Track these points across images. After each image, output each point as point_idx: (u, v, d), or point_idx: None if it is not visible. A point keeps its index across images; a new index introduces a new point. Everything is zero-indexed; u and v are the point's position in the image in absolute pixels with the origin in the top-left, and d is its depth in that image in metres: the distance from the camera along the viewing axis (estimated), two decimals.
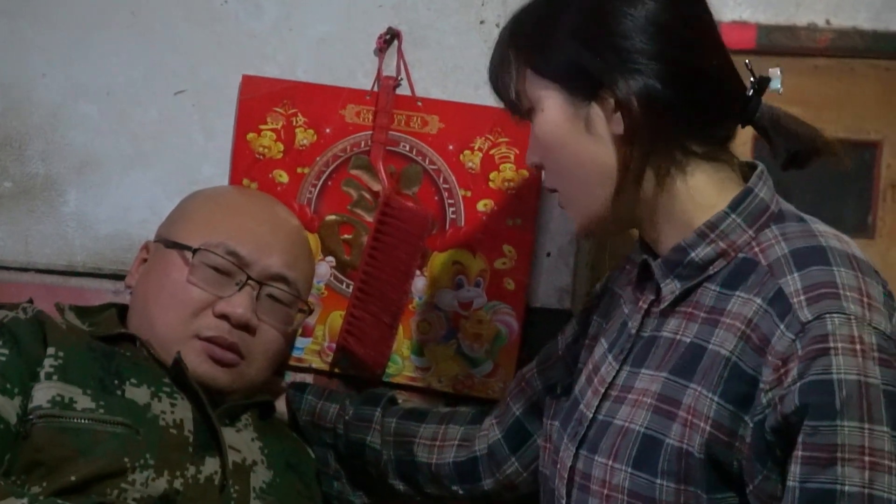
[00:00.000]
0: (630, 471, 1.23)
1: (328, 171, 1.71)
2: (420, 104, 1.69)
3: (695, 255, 1.26)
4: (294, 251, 1.60)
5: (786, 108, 2.17)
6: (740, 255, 1.24)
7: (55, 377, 1.42)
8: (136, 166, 1.76)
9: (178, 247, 1.54)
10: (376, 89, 1.69)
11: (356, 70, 1.71)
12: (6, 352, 1.42)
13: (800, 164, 1.29)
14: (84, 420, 1.40)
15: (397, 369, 1.71)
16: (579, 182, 1.29)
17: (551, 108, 1.28)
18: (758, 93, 1.28)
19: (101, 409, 1.41)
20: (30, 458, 1.37)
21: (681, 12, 1.26)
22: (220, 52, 1.74)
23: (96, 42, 1.76)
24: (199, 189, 1.67)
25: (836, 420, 1.10)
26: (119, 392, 1.44)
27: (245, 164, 1.72)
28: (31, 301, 1.56)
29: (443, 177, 1.69)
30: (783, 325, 1.15)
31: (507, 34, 1.33)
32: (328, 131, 1.70)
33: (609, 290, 1.46)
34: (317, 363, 1.72)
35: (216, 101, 1.74)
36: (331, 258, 1.71)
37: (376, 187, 1.70)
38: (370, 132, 1.70)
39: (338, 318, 1.71)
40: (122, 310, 1.62)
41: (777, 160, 1.29)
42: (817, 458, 1.11)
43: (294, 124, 1.71)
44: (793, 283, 1.17)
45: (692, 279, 1.26)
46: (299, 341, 1.70)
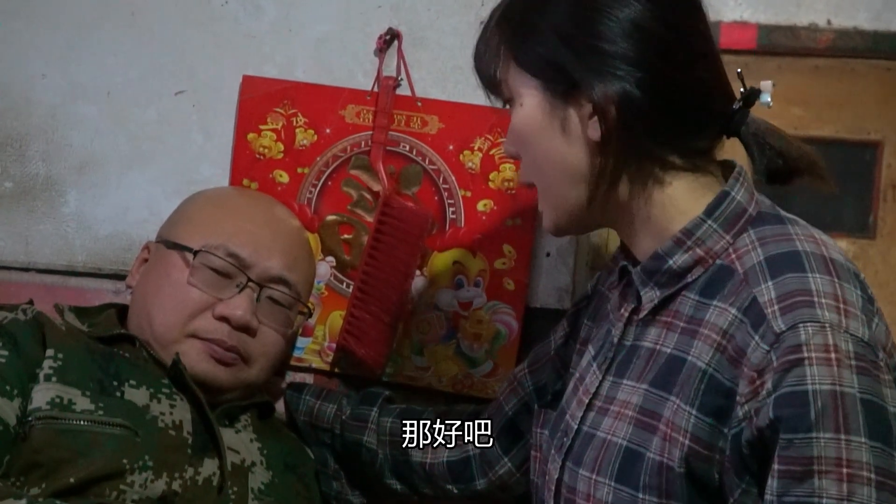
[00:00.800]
0: (613, 485, 1.21)
1: (328, 171, 1.71)
2: (420, 104, 1.69)
3: (672, 262, 1.23)
4: (294, 253, 1.60)
5: (787, 108, 2.16)
6: (718, 262, 1.21)
7: (54, 379, 1.42)
8: (135, 166, 1.76)
9: (179, 248, 1.54)
10: (376, 90, 1.69)
11: (356, 70, 1.71)
12: (6, 353, 1.42)
13: (780, 181, 1.25)
14: (83, 422, 1.40)
15: (397, 369, 1.71)
16: (551, 180, 1.27)
17: (530, 104, 1.25)
18: (745, 105, 1.25)
19: (100, 411, 1.41)
20: (28, 459, 1.37)
21: (668, 18, 1.21)
22: (219, 53, 1.74)
23: (96, 42, 1.76)
24: (200, 190, 1.67)
25: (812, 432, 1.08)
26: (118, 393, 1.44)
27: (245, 165, 1.72)
28: (31, 302, 1.56)
29: (442, 177, 1.69)
30: (758, 336, 1.12)
31: (495, 19, 1.29)
32: (328, 131, 1.70)
33: (598, 292, 1.44)
34: (317, 363, 1.72)
35: (215, 101, 1.74)
36: (331, 258, 1.71)
37: (376, 187, 1.70)
38: (370, 132, 1.69)
39: (338, 318, 1.71)
40: (120, 310, 1.61)
41: (758, 174, 1.25)
42: (793, 472, 1.09)
43: (294, 124, 1.71)
44: (767, 292, 1.14)
45: (670, 287, 1.24)
46: (299, 341, 1.70)
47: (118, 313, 1.60)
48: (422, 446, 1.57)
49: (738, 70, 1.30)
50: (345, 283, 1.71)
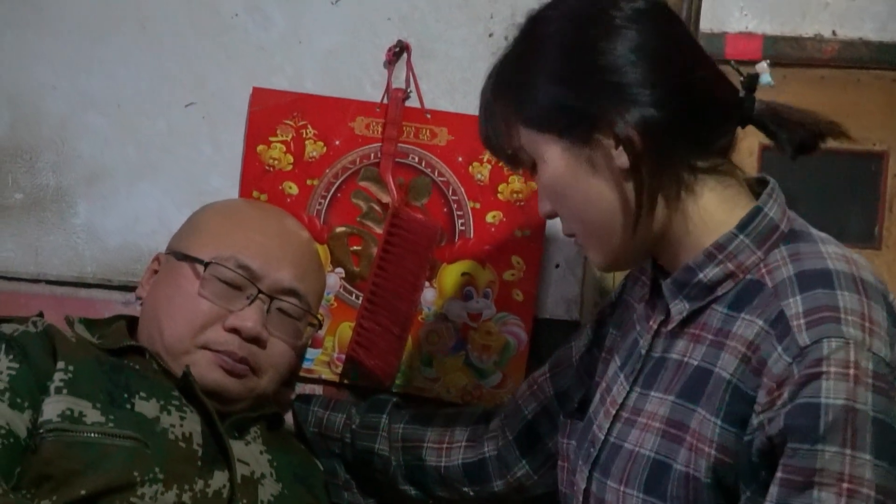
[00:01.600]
0: (642, 496, 1.22)
1: (337, 182, 1.71)
2: (429, 116, 1.69)
3: (703, 275, 1.24)
4: (304, 265, 1.60)
5: None
6: (748, 277, 1.22)
7: (65, 391, 1.42)
8: (145, 178, 1.77)
9: (190, 259, 1.54)
10: (385, 101, 1.70)
11: (365, 82, 1.71)
12: (16, 366, 1.42)
13: (808, 150, 1.26)
14: (93, 434, 1.40)
15: (406, 380, 1.71)
16: (594, 222, 1.27)
17: (553, 158, 1.26)
18: (750, 91, 1.27)
19: (111, 423, 1.41)
20: (39, 471, 1.37)
21: (659, 34, 1.24)
22: (229, 64, 1.74)
23: (106, 54, 1.77)
24: (210, 201, 1.67)
25: (818, 444, 1.09)
26: (128, 406, 1.44)
27: (255, 176, 1.72)
28: (41, 314, 1.55)
29: (452, 188, 1.69)
30: (781, 348, 1.13)
31: (490, 94, 1.31)
32: (337, 143, 1.71)
33: (624, 301, 1.45)
34: (326, 374, 1.72)
35: (225, 112, 1.75)
36: (340, 269, 1.71)
37: (385, 199, 1.70)
38: (379, 144, 1.70)
39: (347, 330, 1.71)
40: (130, 322, 1.61)
41: (785, 152, 1.27)
42: (794, 482, 1.10)
43: (304, 136, 1.71)
44: (795, 306, 1.15)
45: (700, 300, 1.25)
46: (309, 352, 1.70)
47: (128, 325, 1.60)
48: (436, 449, 1.58)
49: (732, 61, 1.33)
50: (354, 295, 1.71)
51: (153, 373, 1.51)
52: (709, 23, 1.98)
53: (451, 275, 1.70)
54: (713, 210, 1.25)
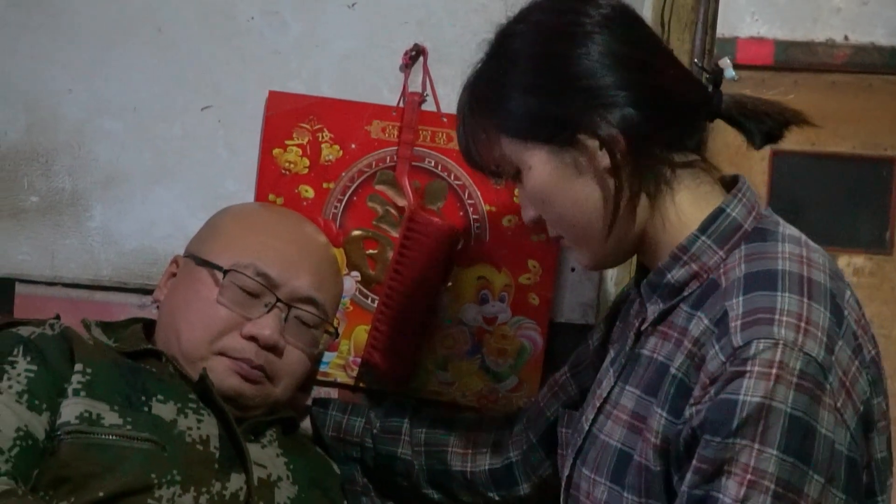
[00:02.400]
0: (608, 484, 1.28)
1: (353, 186, 1.71)
2: (445, 120, 1.69)
3: (670, 276, 1.28)
4: (322, 273, 1.60)
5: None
6: (711, 277, 1.26)
7: (83, 393, 1.42)
8: (160, 182, 1.77)
9: (209, 265, 1.55)
10: (402, 105, 1.70)
11: (381, 86, 1.72)
12: (34, 368, 1.43)
13: (774, 139, 1.31)
14: (111, 436, 1.40)
15: (421, 384, 1.71)
16: (581, 223, 1.31)
17: (538, 165, 1.29)
18: (716, 86, 1.31)
19: (128, 426, 1.41)
20: (57, 473, 1.37)
21: (628, 37, 1.28)
22: (244, 68, 1.75)
23: (122, 58, 1.77)
24: (227, 205, 1.68)
25: (729, 438, 1.12)
26: (146, 408, 1.45)
27: (271, 180, 1.72)
28: (58, 317, 1.56)
29: (468, 192, 1.69)
30: (718, 347, 1.17)
31: (467, 109, 1.34)
32: (353, 147, 1.71)
33: (629, 298, 1.47)
34: (342, 377, 1.72)
35: (241, 116, 1.75)
36: (356, 273, 1.71)
37: (401, 202, 1.70)
38: (395, 148, 1.70)
39: (362, 333, 1.71)
40: (146, 325, 1.62)
41: (754, 142, 1.31)
42: (705, 470, 1.14)
43: (319, 140, 1.71)
44: (736, 307, 1.18)
45: (670, 300, 1.29)
46: (325, 356, 1.70)
47: (144, 328, 1.61)
48: (461, 454, 1.59)
49: (695, 60, 1.41)
50: (370, 298, 1.71)
51: (170, 376, 1.51)
52: (720, 28, 1.97)
53: (467, 279, 1.70)
54: (686, 208, 1.29)
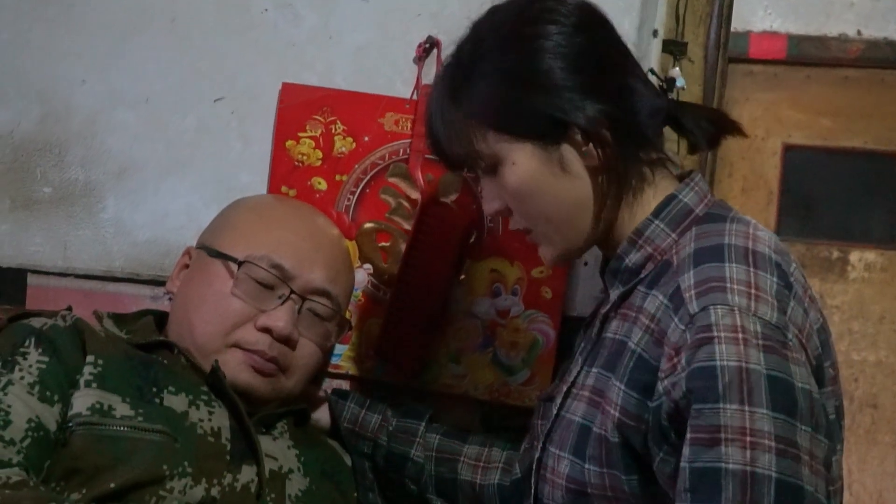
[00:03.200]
0: (570, 457, 1.32)
1: (366, 178, 1.71)
2: None
3: (628, 261, 1.34)
4: (336, 265, 1.60)
5: (816, 118, 2.19)
6: (665, 258, 1.31)
7: (94, 385, 1.42)
8: (173, 173, 1.77)
9: (223, 257, 1.54)
10: (415, 98, 1.69)
11: (395, 78, 1.72)
12: (46, 359, 1.43)
13: (714, 144, 1.40)
14: (123, 428, 1.40)
15: (433, 376, 1.71)
16: (560, 219, 1.34)
17: (522, 160, 1.32)
18: (669, 92, 1.39)
19: (140, 417, 1.41)
20: (68, 465, 1.37)
21: (609, 37, 1.35)
22: (258, 60, 1.75)
23: (135, 49, 1.77)
24: (240, 197, 1.67)
25: (719, 403, 1.15)
26: (157, 400, 1.45)
27: (284, 172, 1.72)
28: (69, 308, 1.56)
29: (480, 185, 1.69)
30: (677, 318, 1.21)
31: (447, 101, 1.35)
32: (367, 139, 1.71)
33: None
34: (353, 370, 1.72)
35: (254, 108, 1.75)
36: (368, 266, 1.71)
37: (414, 195, 1.70)
38: (408, 140, 1.70)
39: (374, 326, 1.71)
40: (158, 317, 1.62)
41: (697, 145, 1.39)
42: (702, 439, 1.16)
43: (333, 132, 1.71)
44: (687, 279, 1.23)
45: (629, 283, 1.34)
46: (336, 348, 1.70)
47: (156, 320, 1.60)
48: (473, 466, 1.59)
49: (651, 67, 1.45)
50: (382, 291, 1.71)
51: (181, 368, 1.51)
52: (733, 22, 1.97)
53: (480, 272, 1.70)
54: (649, 201, 1.34)
